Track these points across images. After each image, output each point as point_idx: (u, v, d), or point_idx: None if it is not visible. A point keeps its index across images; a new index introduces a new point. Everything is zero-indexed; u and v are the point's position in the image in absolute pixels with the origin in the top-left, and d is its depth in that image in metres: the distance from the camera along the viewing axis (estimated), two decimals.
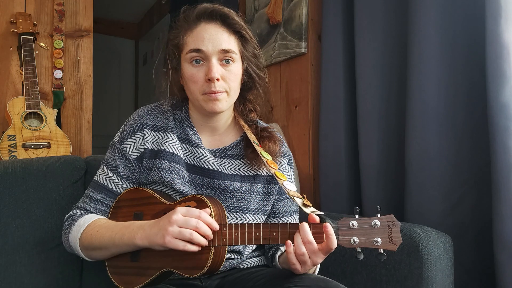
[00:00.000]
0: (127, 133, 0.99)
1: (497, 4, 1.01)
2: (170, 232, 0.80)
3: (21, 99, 1.82)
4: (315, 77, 1.74)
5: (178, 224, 0.80)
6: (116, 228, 0.89)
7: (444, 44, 1.18)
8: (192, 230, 0.80)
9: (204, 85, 0.92)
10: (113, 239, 0.88)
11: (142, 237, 0.84)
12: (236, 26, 0.95)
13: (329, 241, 0.77)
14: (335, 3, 1.59)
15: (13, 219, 1.13)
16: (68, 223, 0.98)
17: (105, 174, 1.00)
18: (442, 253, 1.03)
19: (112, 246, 0.89)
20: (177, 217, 0.80)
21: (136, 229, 0.86)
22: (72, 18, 2.09)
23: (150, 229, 0.84)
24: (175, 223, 0.80)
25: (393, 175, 1.36)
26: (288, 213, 1.06)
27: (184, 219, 0.80)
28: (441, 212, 1.18)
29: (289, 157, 1.08)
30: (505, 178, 1.00)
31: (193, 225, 0.80)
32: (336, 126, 1.56)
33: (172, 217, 0.81)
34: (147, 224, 0.86)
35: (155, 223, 0.85)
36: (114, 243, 0.88)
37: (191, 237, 0.79)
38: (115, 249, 0.90)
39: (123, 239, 0.87)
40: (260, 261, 1.07)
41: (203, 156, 0.98)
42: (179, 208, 0.82)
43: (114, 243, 0.88)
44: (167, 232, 0.80)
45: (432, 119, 1.19)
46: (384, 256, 0.77)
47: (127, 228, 0.88)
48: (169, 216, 0.81)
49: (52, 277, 1.16)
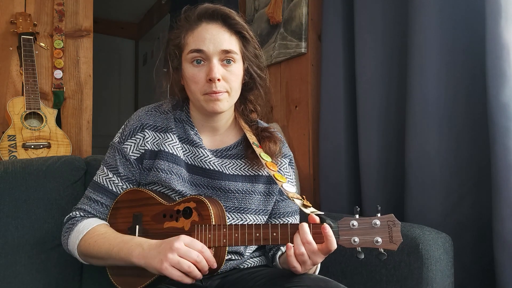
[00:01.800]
0: (127, 134, 0.99)
1: (497, 4, 1.01)
2: (169, 260, 0.78)
3: (21, 99, 1.82)
4: (315, 77, 1.74)
5: (179, 253, 0.78)
6: (115, 242, 0.89)
7: (444, 44, 1.18)
8: (191, 263, 0.78)
9: (205, 85, 0.92)
10: (110, 252, 0.88)
11: (139, 256, 0.83)
12: (237, 26, 0.95)
13: (329, 243, 0.77)
14: (335, 3, 1.59)
15: (13, 219, 1.13)
16: (67, 227, 0.98)
17: (105, 175, 1.00)
18: (442, 253, 1.03)
19: (109, 258, 0.89)
20: (179, 246, 0.79)
21: (134, 246, 0.85)
22: (72, 18, 2.09)
23: (149, 250, 0.82)
24: (176, 252, 0.78)
25: (393, 175, 1.36)
26: (289, 214, 1.06)
27: (186, 250, 0.79)
28: (441, 212, 1.18)
29: (289, 157, 1.08)
30: (505, 178, 1.00)
31: (194, 258, 0.79)
32: (336, 126, 1.56)
33: (174, 245, 0.79)
34: (146, 243, 0.84)
35: (155, 244, 0.82)
36: (110, 256, 0.88)
37: (189, 270, 0.78)
38: (112, 262, 0.90)
39: (120, 254, 0.86)
40: (260, 261, 1.06)
41: (204, 156, 0.98)
42: (183, 237, 0.80)
43: (110, 256, 0.88)
44: (166, 258, 0.78)
45: (432, 119, 1.19)
46: (385, 255, 0.77)
47: (125, 244, 0.87)
48: (171, 243, 0.79)
49: (52, 277, 1.16)
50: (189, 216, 0.89)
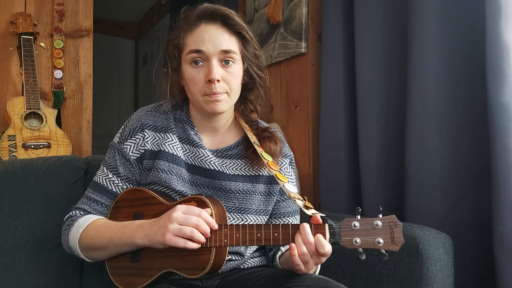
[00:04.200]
0: (127, 134, 0.99)
1: (497, 4, 1.01)
2: (170, 230, 0.79)
3: (21, 99, 1.82)
4: (315, 77, 1.74)
5: (179, 222, 0.80)
6: (116, 228, 0.89)
7: (444, 44, 1.18)
8: (192, 228, 0.80)
9: (205, 86, 0.92)
10: (112, 239, 0.88)
11: (141, 236, 0.84)
12: (237, 26, 0.95)
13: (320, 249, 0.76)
14: (335, 3, 1.59)
15: (13, 219, 1.13)
16: (67, 224, 0.98)
17: (104, 175, 1.00)
18: (442, 253, 1.03)
19: (112, 245, 0.89)
20: (177, 215, 0.80)
21: (135, 228, 0.86)
22: (72, 18, 2.09)
23: (150, 227, 0.84)
24: (175, 221, 0.80)
25: (393, 175, 1.36)
26: (290, 214, 1.06)
27: (184, 217, 0.80)
28: (441, 212, 1.18)
29: (290, 157, 1.08)
30: (505, 178, 1.00)
31: (194, 223, 0.80)
32: (336, 126, 1.56)
33: (172, 215, 0.80)
34: (146, 223, 0.86)
35: (154, 221, 0.84)
36: (113, 242, 0.88)
37: (192, 235, 0.79)
38: (115, 249, 0.90)
39: (122, 238, 0.87)
40: (260, 261, 1.06)
41: (204, 156, 0.98)
42: (179, 206, 0.82)
43: (113, 242, 0.88)
44: (167, 229, 0.80)
45: (432, 119, 1.19)
46: (386, 256, 0.77)
47: (126, 228, 0.88)
48: (169, 214, 0.81)
49: (52, 277, 1.15)
50: None
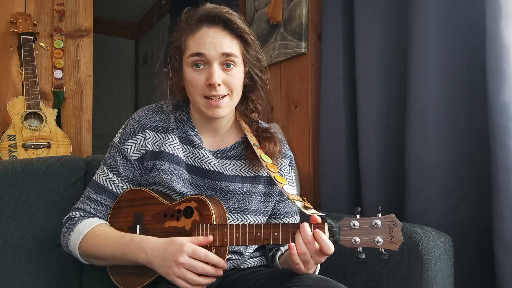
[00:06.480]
0: (128, 134, 0.99)
1: (497, 4, 1.01)
2: (175, 273, 0.81)
3: (21, 99, 1.82)
4: (315, 77, 1.74)
5: (185, 267, 0.80)
6: (116, 244, 0.89)
7: (444, 44, 1.18)
8: (197, 276, 0.81)
9: (205, 88, 0.92)
10: (114, 255, 0.89)
11: (144, 261, 0.85)
12: (239, 30, 0.94)
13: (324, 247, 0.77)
14: (335, 3, 1.59)
15: (13, 219, 1.13)
16: (67, 227, 0.98)
17: (105, 175, 1.00)
18: (442, 253, 1.03)
19: (114, 260, 0.90)
20: (183, 260, 0.80)
21: (137, 250, 0.86)
22: (72, 18, 2.09)
23: (154, 258, 0.84)
24: (182, 266, 0.80)
25: (393, 175, 1.36)
26: (289, 214, 1.06)
27: (190, 263, 0.80)
28: (441, 212, 1.18)
29: (290, 158, 1.08)
30: (505, 178, 1.00)
31: (199, 271, 0.81)
32: (336, 126, 1.56)
33: (179, 259, 0.80)
34: (148, 246, 0.85)
35: (158, 252, 0.84)
36: (115, 258, 0.89)
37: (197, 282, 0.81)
38: (117, 262, 0.91)
39: (124, 258, 0.88)
40: (260, 261, 1.06)
41: (204, 157, 0.98)
42: (186, 247, 0.81)
43: (115, 258, 0.89)
44: (172, 271, 0.81)
45: (432, 119, 1.19)
46: (386, 255, 0.77)
47: (127, 247, 0.88)
48: (176, 256, 0.81)
49: (52, 277, 1.16)
50: (190, 216, 0.89)
